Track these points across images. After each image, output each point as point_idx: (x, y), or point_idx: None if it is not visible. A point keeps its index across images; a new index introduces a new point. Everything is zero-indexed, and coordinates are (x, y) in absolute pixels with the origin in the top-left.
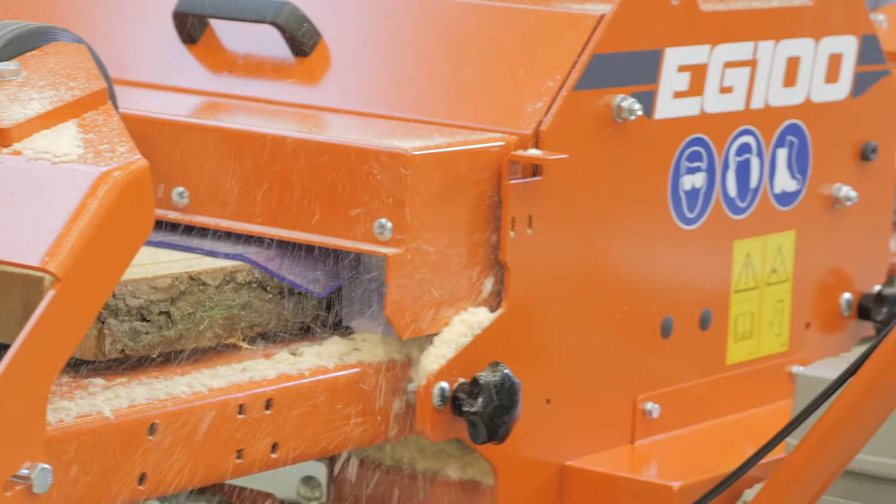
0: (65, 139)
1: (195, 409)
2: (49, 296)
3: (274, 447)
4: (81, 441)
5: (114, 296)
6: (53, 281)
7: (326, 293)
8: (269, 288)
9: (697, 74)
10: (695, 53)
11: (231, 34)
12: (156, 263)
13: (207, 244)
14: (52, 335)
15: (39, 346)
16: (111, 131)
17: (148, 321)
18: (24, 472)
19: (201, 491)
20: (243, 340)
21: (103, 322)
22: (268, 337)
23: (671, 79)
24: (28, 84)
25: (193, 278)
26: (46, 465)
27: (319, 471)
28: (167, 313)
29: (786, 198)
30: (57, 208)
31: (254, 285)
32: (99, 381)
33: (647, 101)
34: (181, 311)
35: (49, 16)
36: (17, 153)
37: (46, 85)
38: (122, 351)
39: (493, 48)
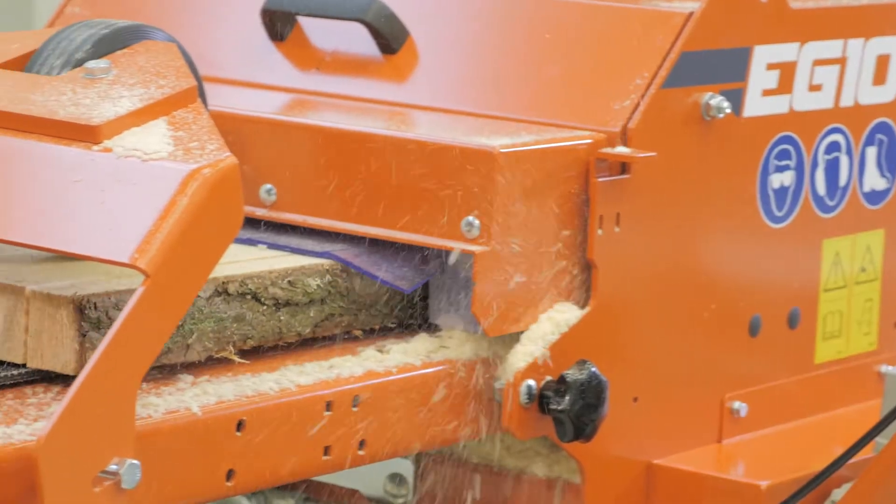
0: (155, 136)
1: (283, 406)
2: (139, 292)
3: (361, 444)
4: (169, 437)
5: (95, 307)
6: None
7: (412, 290)
8: (263, 299)
9: (786, 72)
10: (784, 51)
11: (319, 31)
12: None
13: (295, 241)
14: (140, 332)
15: (128, 343)
16: (201, 129)
17: None
18: (113, 467)
19: (288, 487)
20: (235, 354)
21: (84, 335)
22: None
23: (760, 77)
24: (118, 82)
25: None
26: (135, 461)
27: (406, 468)
28: None
29: (875, 196)
30: (146, 205)
31: (247, 297)
32: (187, 377)
33: (736, 99)
34: None
35: (139, 14)
36: (108, 150)
37: (137, 83)
38: None
39: (581, 45)
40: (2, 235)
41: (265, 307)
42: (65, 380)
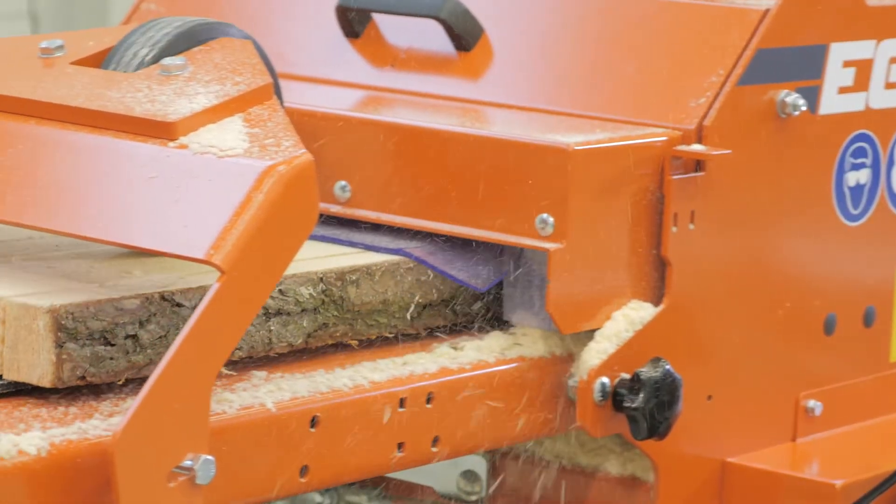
0: (230, 133)
1: (356, 403)
2: (214, 289)
3: (434, 441)
4: (243, 433)
5: (74, 318)
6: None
7: (487, 288)
8: None
9: (863, 70)
10: (860, 49)
11: (394, 28)
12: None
13: (369, 238)
14: (215, 328)
15: (203, 339)
16: (276, 125)
17: (113, 345)
18: (188, 463)
19: (362, 484)
20: (224, 365)
21: (62, 346)
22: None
23: (836, 74)
24: (194, 79)
25: (166, 298)
26: (209, 457)
27: (479, 465)
28: (134, 336)
29: None
30: (222, 202)
31: None
32: (261, 373)
33: (812, 96)
34: (151, 335)
35: (215, 11)
36: (184, 147)
37: (213, 80)
38: (83, 377)
39: (655, 42)
40: (79, 231)
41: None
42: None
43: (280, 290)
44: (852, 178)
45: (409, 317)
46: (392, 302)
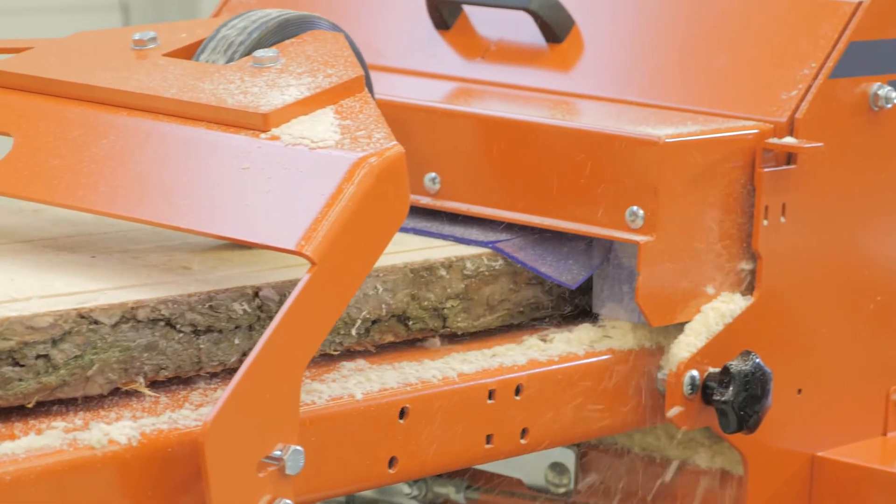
0: (322, 125)
1: (445, 394)
2: (304, 280)
3: (523, 433)
4: (333, 424)
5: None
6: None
7: (577, 285)
8: (179, 326)
9: None
10: None
11: (484, 20)
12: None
13: (459, 231)
14: (306, 319)
15: (293, 330)
16: (368, 118)
17: (22, 366)
18: (277, 453)
19: (450, 475)
20: (147, 386)
21: None
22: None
23: None
24: (286, 71)
25: (83, 316)
26: (299, 448)
27: (568, 457)
28: (46, 356)
29: None
30: (313, 193)
31: (160, 324)
32: (350, 364)
33: None
34: (65, 354)
35: (306, 4)
36: (276, 138)
37: (304, 72)
38: None
39: (746, 35)
40: (170, 222)
41: (181, 335)
42: None
43: (210, 306)
44: None
45: (354, 333)
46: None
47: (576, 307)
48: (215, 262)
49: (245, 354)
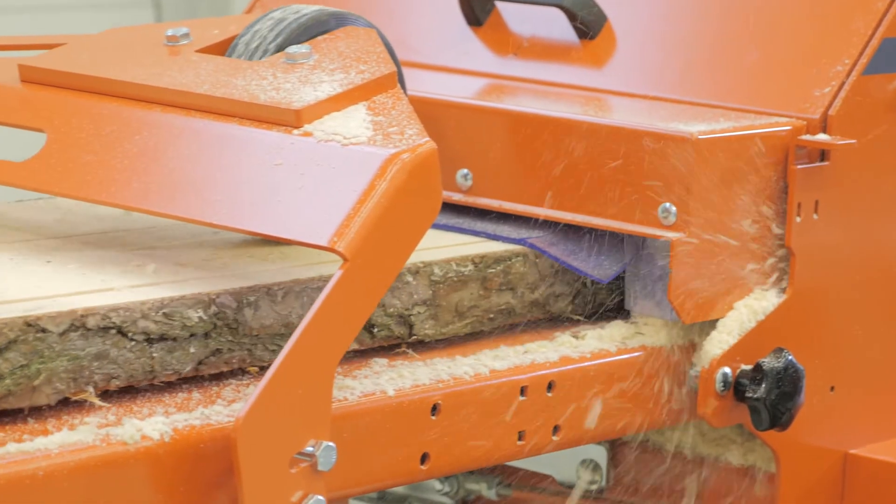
0: (354, 121)
1: (477, 391)
2: (337, 276)
3: (555, 430)
4: (365, 420)
5: None
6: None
7: (609, 280)
8: (131, 334)
9: None
10: None
11: (517, 16)
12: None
13: (491, 227)
14: (338, 315)
15: (326, 326)
16: (400, 114)
17: None
18: (309, 449)
19: (482, 472)
20: (97, 396)
21: None
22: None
23: None
24: (319, 67)
25: (30, 324)
26: (331, 444)
27: (600, 454)
28: None
29: None
30: (346, 190)
31: (111, 332)
32: (382, 360)
33: None
34: (10, 363)
35: (339, 0)
36: (308, 134)
37: (337, 68)
38: None
39: (779, 31)
40: (203, 218)
41: (133, 343)
42: None
43: (164, 314)
44: None
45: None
46: (297, 325)
47: (551, 314)
48: (247, 258)
49: (201, 363)
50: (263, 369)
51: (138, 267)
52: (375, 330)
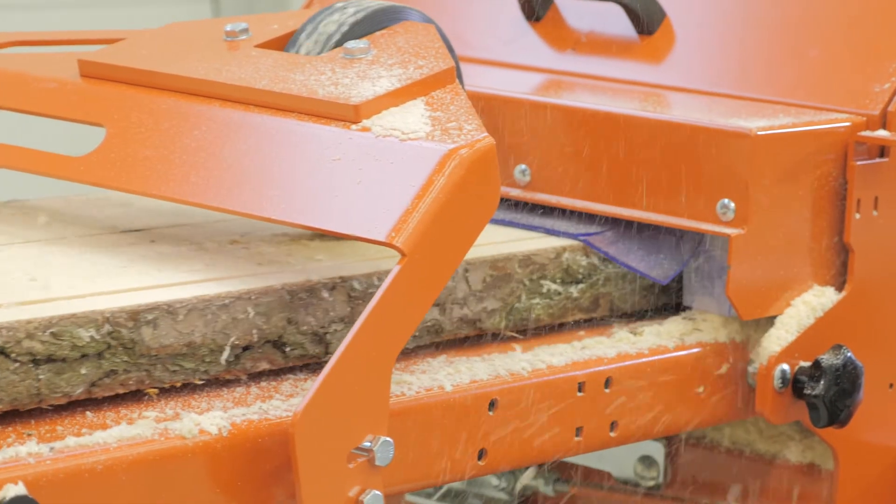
0: (413, 116)
1: (535, 386)
2: (395, 271)
3: (612, 426)
4: (422, 415)
5: None
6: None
7: (668, 281)
8: (14, 355)
9: None
10: None
11: (575, 12)
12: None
13: (549, 223)
14: (396, 310)
15: (384, 321)
16: (458, 109)
17: None
18: (367, 444)
19: (538, 468)
20: None
21: None
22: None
23: None
24: (377, 62)
25: None
26: (388, 439)
27: (657, 450)
28: None
29: None
30: (404, 185)
31: None
32: (441, 356)
33: None
34: None
35: None
36: (366, 129)
37: (395, 63)
38: None
39: (839, 27)
40: (261, 213)
41: (17, 364)
42: None
43: (52, 333)
44: None
45: (223, 361)
46: (200, 345)
47: (480, 330)
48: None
49: (94, 385)
50: (164, 391)
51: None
52: (288, 349)
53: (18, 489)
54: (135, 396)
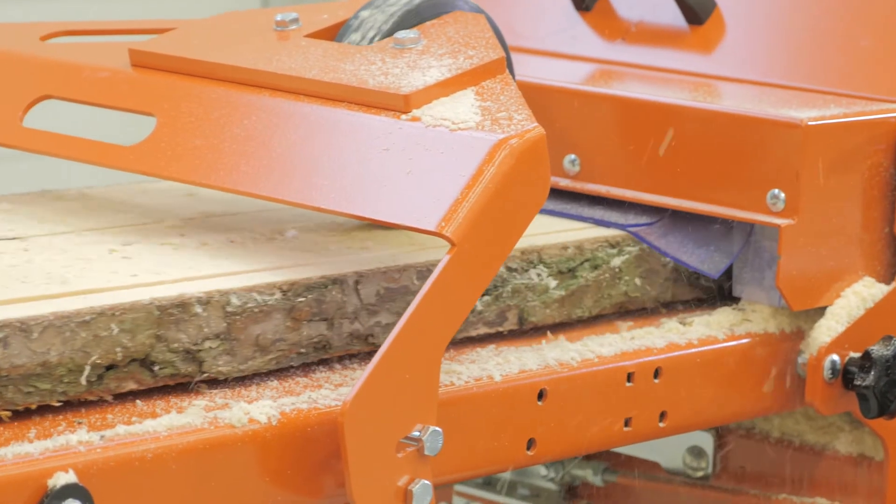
0: (463, 106)
1: (584, 377)
2: (444, 261)
3: (662, 416)
4: (471, 405)
5: None
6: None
7: (719, 274)
8: None
9: None
10: None
11: (625, 1)
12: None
13: (598, 213)
14: (445, 300)
15: (432, 311)
16: (508, 99)
17: None
18: (416, 433)
19: (587, 458)
20: None
21: None
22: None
23: None
24: (427, 52)
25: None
26: (437, 428)
27: (706, 441)
28: None
29: None
30: (453, 175)
31: None
32: (490, 346)
33: None
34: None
35: None
36: (416, 119)
37: (445, 53)
38: None
39: (890, 17)
40: (311, 202)
41: None
42: None
43: None
44: None
45: (84, 381)
46: (57, 364)
47: (373, 346)
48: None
49: None
50: (17, 414)
51: None
52: (157, 368)
53: (69, 477)
54: (184, 387)
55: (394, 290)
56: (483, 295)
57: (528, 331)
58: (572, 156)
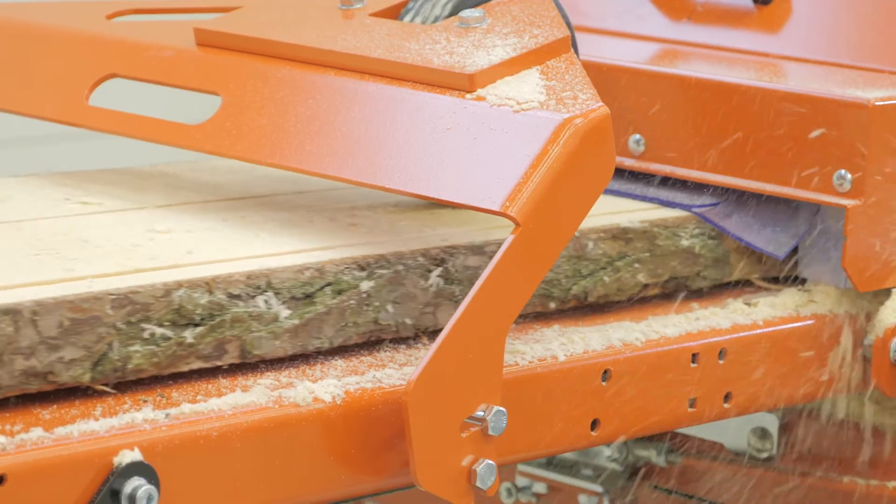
0: (527, 86)
1: (649, 357)
2: (509, 240)
3: (727, 397)
4: (535, 385)
5: None
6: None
7: (785, 255)
8: None
9: None
10: None
11: None
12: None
13: (663, 194)
14: (510, 280)
15: (497, 291)
16: (573, 79)
17: None
18: (480, 413)
19: (651, 438)
20: None
21: None
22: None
23: None
24: (492, 31)
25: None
26: (501, 408)
27: (771, 422)
28: None
29: None
30: (518, 154)
31: None
32: (555, 326)
33: None
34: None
35: None
36: (481, 99)
37: (510, 32)
38: None
39: None
40: (376, 182)
41: None
42: None
43: None
44: None
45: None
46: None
47: (56, 384)
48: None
49: None
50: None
51: None
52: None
53: (134, 455)
54: (250, 366)
55: (80, 322)
56: (196, 326)
57: (596, 308)
58: (637, 136)
